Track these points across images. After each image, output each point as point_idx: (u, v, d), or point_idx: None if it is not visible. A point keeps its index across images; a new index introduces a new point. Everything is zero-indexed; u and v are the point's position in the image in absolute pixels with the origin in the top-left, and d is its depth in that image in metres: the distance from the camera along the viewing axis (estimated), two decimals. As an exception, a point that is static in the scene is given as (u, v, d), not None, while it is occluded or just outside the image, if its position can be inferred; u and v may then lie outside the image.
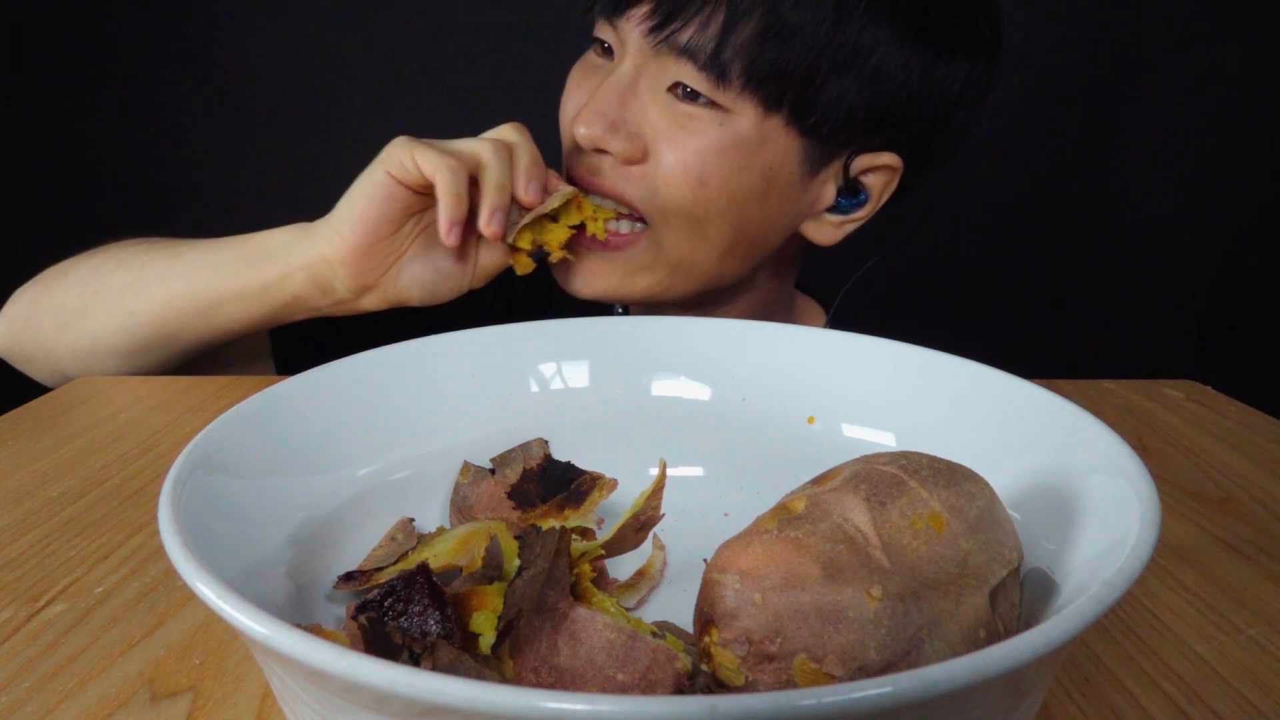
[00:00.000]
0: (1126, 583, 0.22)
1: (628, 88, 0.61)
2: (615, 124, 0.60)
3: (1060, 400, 0.34)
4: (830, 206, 0.66)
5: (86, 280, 0.65)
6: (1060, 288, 1.44)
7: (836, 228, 0.67)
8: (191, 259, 0.62)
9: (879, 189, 0.66)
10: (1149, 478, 0.28)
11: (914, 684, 0.18)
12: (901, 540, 0.25)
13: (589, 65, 0.66)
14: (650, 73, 0.60)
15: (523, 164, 0.59)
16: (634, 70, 0.61)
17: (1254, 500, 0.47)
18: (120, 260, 0.64)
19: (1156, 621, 0.36)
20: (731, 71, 0.58)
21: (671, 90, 0.60)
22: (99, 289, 0.64)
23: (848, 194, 0.65)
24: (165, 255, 0.63)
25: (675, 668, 0.26)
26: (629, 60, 0.61)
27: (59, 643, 0.33)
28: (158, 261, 0.63)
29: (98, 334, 0.64)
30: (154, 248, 0.65)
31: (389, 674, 0.18)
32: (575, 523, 0.35)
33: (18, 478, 0.47)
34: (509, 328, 0.44)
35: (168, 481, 0.27)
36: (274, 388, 0.35)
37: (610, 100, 0.60)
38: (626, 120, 0.60)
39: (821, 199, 0.66)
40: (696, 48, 0.58)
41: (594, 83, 0.63)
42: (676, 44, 0.58)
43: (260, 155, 1.38)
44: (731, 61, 0.57)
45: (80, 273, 0.65)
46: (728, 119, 0.59)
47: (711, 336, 0.45)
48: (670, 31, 0.58)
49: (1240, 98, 1.34)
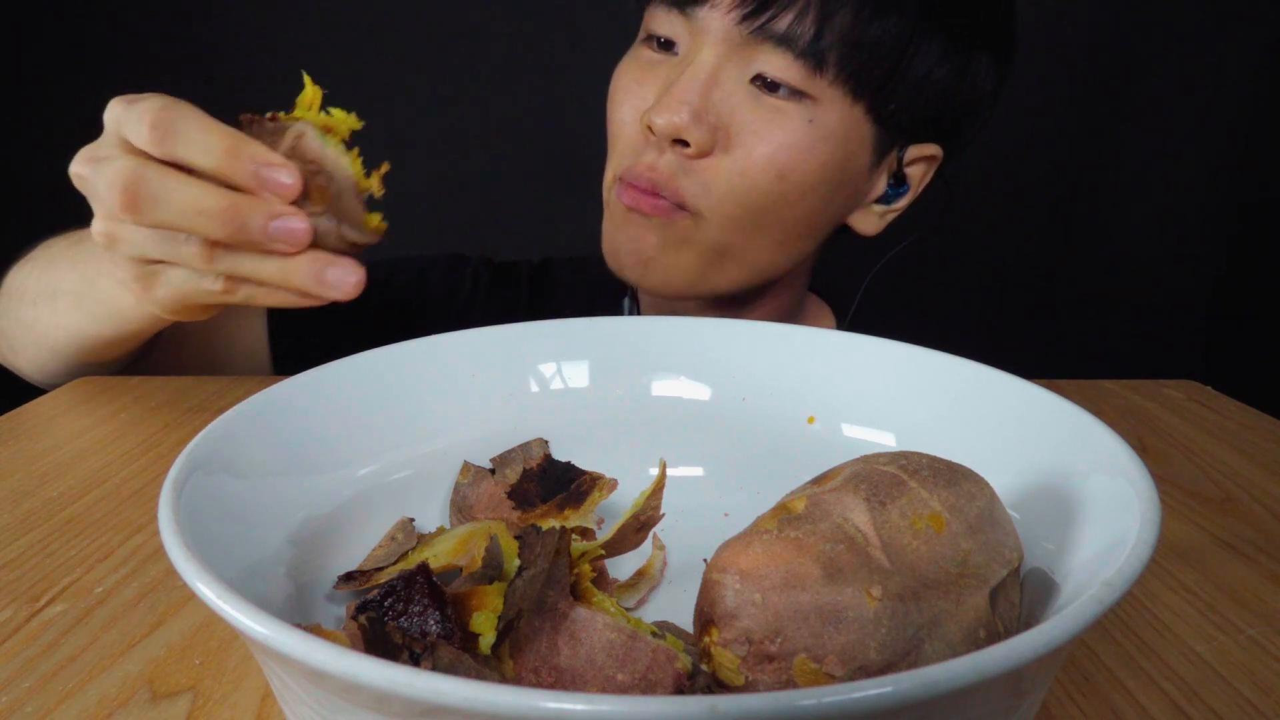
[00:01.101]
0: (1126, 583, 0.22)
1: (710, 77, 0.59)
2: (699, 113, 0.58)
3: (1060, 400, 0.34)
4: (878, 198, 0.67)
5: (7, 310, 0.62)
6: (1061, 287, 1.44)
7: (880, 218, 0.69)
8: (58, 292, 0.56)
9: (919, 178, 0.67)
10: (1149, 478, 0.28)
11: (914, 684, 0.18)
12: (901, 540, 0.25)
13: (646, 61, 0.64)
14: (734, 63, 0.59)
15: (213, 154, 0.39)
16: (715, 61, 0.59)
17: (1254, 500, 0.47)
18: (19, 292, 0.60)
19: (1156, 621, 0.36)
20: (828, 59, 0.57)
21: (754, 82, 0.59)
22: (17, 321, 0.61)
23: (894, 184, 0.67)
24: (38, 284, 0.59)
25: (675, 668, 0.26)
26: (709, 50, 0.59)
27: (59, 643, 0.33)
28: (39, 292, 0.58)
29: (43, 361, 0.62)
30: (38, 272, 0.59)
31: (389, 674, 0.18)
32: (575, 523, 0.35)
33: (18, 478, 0.47)
34: (509, 328, 0.44)
35: (168, 481, 0.27)
36: (274, 388, 0.35)
37: (694, 90, 0.58)
38: (709, 110, 0.59)
39: (875, 189, 0.67)
40: (795, 35, 0.57)
41: (658, 77, 0.61)
42: (773, 32, 0.57)
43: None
44: (829, 49, 0.57)
45: (5, 299, 0.62)
46: (816, 112, 0.59)
47: (711, 336, 0.45)
48: (767, 19, 0.57)
49: (1241, 98, 1.34)
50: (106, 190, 0.40)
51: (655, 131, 0.59)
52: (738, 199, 0.60)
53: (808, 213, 0.63)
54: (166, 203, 0.39)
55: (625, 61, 0.66)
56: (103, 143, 0.42)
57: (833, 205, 0.64)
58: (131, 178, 0.39)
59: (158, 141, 0.39)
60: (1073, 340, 1.43)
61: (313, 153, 0.40)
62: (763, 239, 0.63)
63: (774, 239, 0.63)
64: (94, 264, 0.52)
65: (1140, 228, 1.40)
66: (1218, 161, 1.37)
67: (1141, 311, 1.43)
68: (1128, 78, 1.34)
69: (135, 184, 0.39)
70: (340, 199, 0.40)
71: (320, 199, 0.40)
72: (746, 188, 0.60)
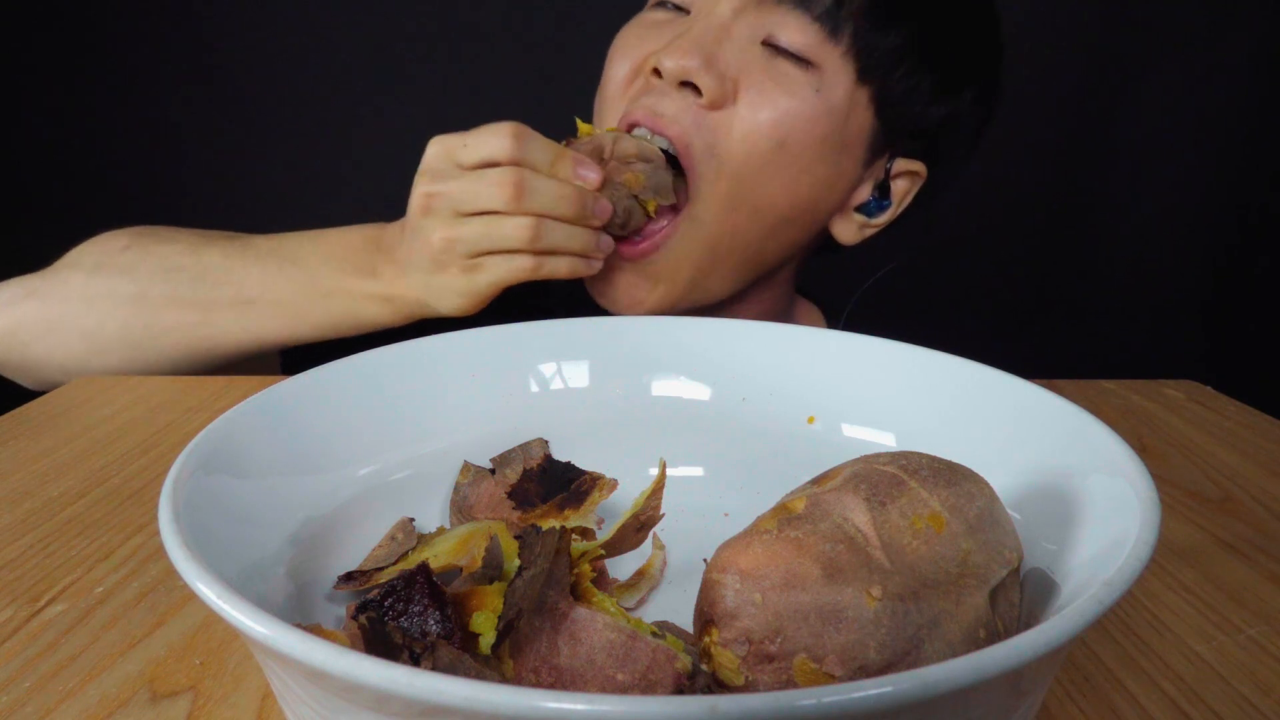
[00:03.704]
0: (1126, 583, 0.22)
1: (723, 28, 0.59)
2: (711, 60, 0.58)
3: (1060, 400, 0.34)
4: (859, 205, 0.67)
5: (130, 313, 0.61)
6: (1061, 288, 1.44)
7: (859, 229, 0.69)
8: (259, 300, 0.61)
9: (901, 194, 0.68)
10: (1149, 478, 0.28)
11: (914, 684, 0.18)
12: (901, 540, 0.25)
13: (651, 21, 0.64)
14: (748, 19, 0.59)
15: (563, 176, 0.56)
16: (731, 14, 0.59)
17: (1254, 500, 0.47)
18: (161, 288, 0.61)
19: (1156, 621, 0.36)
20: (844, 28, 0.58)
21: (766, 43, 0.59)
22: (150, 325, 0.61)
23: (878, 195, 0.67)
24: (223, 289, 0.61)
25: (675, 668, 0.26)
26: (725, 4, 0.59)
27: (59, 643, 0.33)
28: (221, 300, 0.61)
29: (152, 364, 0.63)
30: (198, 271, 0.61)
31: (389, 674, 0.18)
32: (575, 523, 0.35)
33: (18, 478, 0.47)
34: (509, 328, 0.44)
35: (168, 481, 0.27)
36: (274, 388, 0.35)
37: (708, 36, 0.58)
38: (720, 59, 0.58)
39: (860, 194, 0.67)
40: None
41: (663, 34, 0.61)
42: None
43: (259, 151, 1.38)
44: (846, 19, 0.57)
45: (113, 300, 0.61)
46: (823, 84, 0.59)
47: (711, 336, 0.45)
48: None
49: (1241, 98, 1.34)
50: (497, 189, 0.53)
51: (663, 73, 0.58)
52: (736, 168, 0.59)
53: (798, 195, 0.62)
54: (541, 193, 0.54)
55: (628, 25, 0.66)
56: (435, 171, 0.55)
57: (821, 193, 0.64)
58: (517, 177, 0.53)
59: (519, 149, 0.54)
60: (1073, 340, 1.43)
61: (631, 147, 0.58)
62: (754, 222, 0.62)
63: (762, 225, 0.62)
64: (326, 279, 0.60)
65: (1140, 227, 1.40)
66: (1218, 161, 1.36)
67: (1141, 311, 1.43)
68: (1127, 78, 1.34)
69: (520, 182, 0.53)
70: (655, 175, 0.58)
71: (634, 182, 0.58)
72: (747, 151, 0.59)
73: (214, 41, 1.34)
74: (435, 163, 0.56)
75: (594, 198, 0.56)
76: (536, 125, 0.57)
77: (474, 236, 0.55)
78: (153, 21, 1.33)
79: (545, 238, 0.55)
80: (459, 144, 0.55)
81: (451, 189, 0.55)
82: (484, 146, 0.55)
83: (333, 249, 0.61)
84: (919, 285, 1.34)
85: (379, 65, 1.35)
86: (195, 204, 1.36)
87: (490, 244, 0.55)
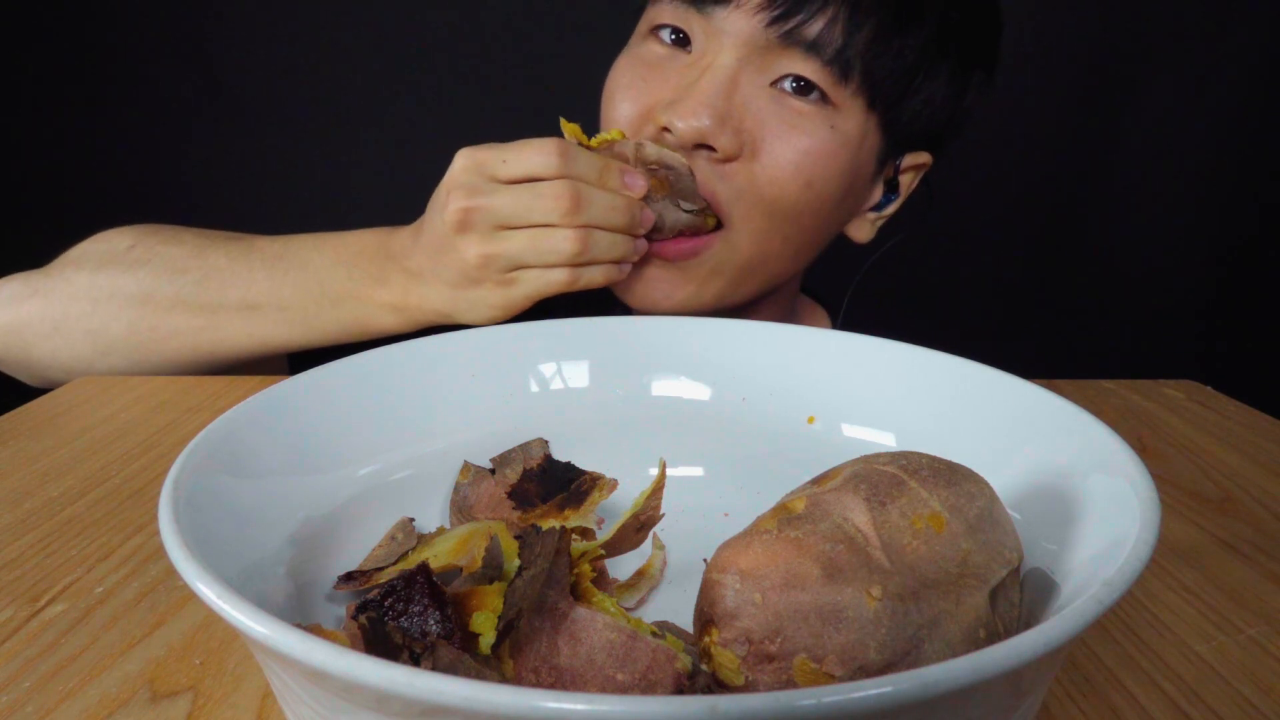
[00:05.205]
0: (1126, 583, 0.22)
1: (731, 81, 0.58)
2: (723, 117, 0.57)
3: (1060, 400, 0.34)
4: (872, 205, 0.68)
5: (136, 315, 0.61)
6: (1061, 288, 1.44)
7: (872, 225, 0.70)
8: (266, 305, 0.60)
9: (907, 184, 0.69)
10: (1149, 478, 0.28)
11: (914, 684, 0.18)
12: (901, 540, 0.25)
13: (650, 57, 0.62)
14: (754, 66, 0.58)
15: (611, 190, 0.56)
16: (736, 64, 0.58)
17: (1254, 500, 0.47)
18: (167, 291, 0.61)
19: (1156, 621, 0.36)
20: (854, 68, 0.57)
21: (775, 85, 0.58)
22: (156, 327, 0.61)
23: (887, 191, 0.68)
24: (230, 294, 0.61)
25: (675, 668, 0.26)
26: (729, 52, 0.58)
27: (59, 643, 0.33)
28: (227, 304, 0.61)
29: (158, 366, 0.63)
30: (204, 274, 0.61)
31: (389, 674, 0.18)
32: (575, 523, 0.35)
33: (18, 478, 0.47)
34: (509, 328, 0.44)
35: (168, 481, 0.27)
36: (274, 388, 0.35)
37: (716, 92, 0.57)
38: (732, 114, 0.58)
39: (873, 198, 0.68)
40: (824, 42, 0.57)
41: (664, 75, 0.60)
42: (802, 38, 0.57)
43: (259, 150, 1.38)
44: (855, 59, 0.57)
45: (118, 301, 0.61)
46: (838, 118, 0.59)
47: (711, 336, 0.45)
48: (796, 24, 0.56)
49: (1241, 98, 1.34)
50: (554, 201, 0.53)
51: (675, 134, 0.58)
52: (767, 207, 0.59)
53: (824, 222, 0.63)
54: (594, 204, 0.54)
55: (624, 58, 0.64)
56: (469, 185, 0.54)
57: (840, 214, 0.65)
58: (573, 189, 0.53)
59: (565, 164, 0.53)
60: (1072, 340, 1.43)
61: (653, 154, 0.58)
62: (783, 248, 0.62)
63: (792, 249, 0.63)
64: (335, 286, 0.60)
65: (1140, 228, 1.40)
66: (1218, 162, 1.36)
67: (1141, 311, 1.43)
68: (1127, 79, 1.34)
69: (577, 194, 0.53)
70: (679, 181, 0.58)
71: (661, 188, 0.58)
72: (777, 195, 0.59)
73: (218, 40, 1.34)
74: (466, 176, 0.54)
75: (640, 206, 0.56)
76: (537, 130, 0.57)
77: (517, 250, 0.54)
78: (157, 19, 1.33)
79: (590, 250, 0.54)
80: (496, 158, 0.54)
81: (495, 203, 0.53)
82: (527, 161, 0.54)
83: (340, 255, 0.60)
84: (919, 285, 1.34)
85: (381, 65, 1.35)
86: (197, 204, 1.36)
87: (535, 257, 0.54)
